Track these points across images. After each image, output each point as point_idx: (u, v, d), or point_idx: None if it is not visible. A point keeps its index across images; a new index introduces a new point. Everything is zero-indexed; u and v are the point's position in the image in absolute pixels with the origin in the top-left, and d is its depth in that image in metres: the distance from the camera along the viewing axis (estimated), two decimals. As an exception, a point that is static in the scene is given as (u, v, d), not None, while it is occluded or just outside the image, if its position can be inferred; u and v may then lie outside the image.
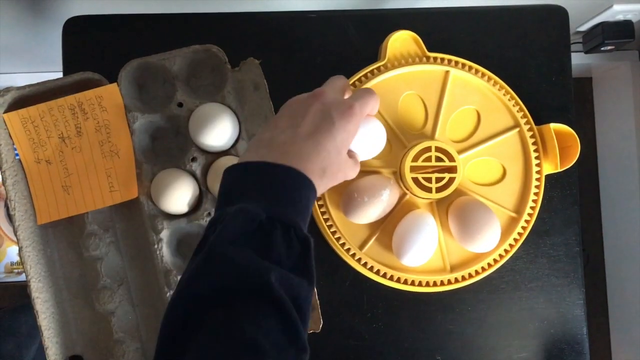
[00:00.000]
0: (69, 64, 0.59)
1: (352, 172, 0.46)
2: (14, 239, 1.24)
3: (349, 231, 0.57)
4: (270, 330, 0.34)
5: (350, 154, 0.47)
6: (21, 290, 1.28)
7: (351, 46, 0.60)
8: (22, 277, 1.27)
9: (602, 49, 1.08)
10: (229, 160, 0.54)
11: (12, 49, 1.03)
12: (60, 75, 0.56)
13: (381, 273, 0.56)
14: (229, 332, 0.33)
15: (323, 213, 0.56)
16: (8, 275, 1.26)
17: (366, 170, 0.56)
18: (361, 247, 0.56)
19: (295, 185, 0.39)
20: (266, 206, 0.37)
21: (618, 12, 0.99)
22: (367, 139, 0.49)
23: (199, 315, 0.34)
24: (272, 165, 0.39)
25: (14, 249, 1.26)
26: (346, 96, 0.48)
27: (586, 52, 1.12)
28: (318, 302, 0.53)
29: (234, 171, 0.41)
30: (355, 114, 0.43)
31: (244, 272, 0.35)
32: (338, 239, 0.56)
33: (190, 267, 0.37)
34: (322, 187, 0.42)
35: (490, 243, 0.53)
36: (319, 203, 0.56)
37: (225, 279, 0.35)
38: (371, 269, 0.56)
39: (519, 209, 0.57)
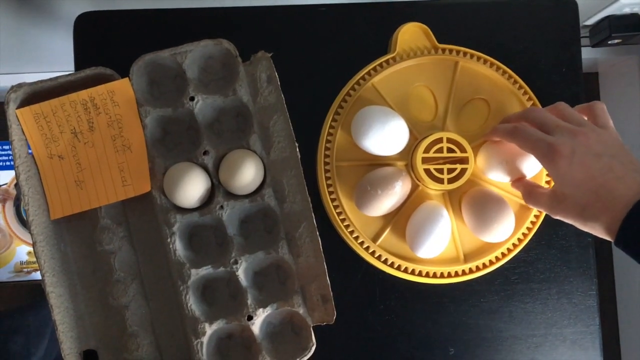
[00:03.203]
0: (80, 60, 0.59)
1: None
2: (24, 238, 1.25)
3: (361, 224, 0.57)
4: None
5: None
6: (30, 289, 1.29)
7: (361, 39, 0.60)
8: (32, 277, 1.27)
9: (609, 42, 1.08)
10: (241, 154, 0.54)
11: (20, 49, 1.03)
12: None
13: (395, 265, 0.56)
14: None
15: (336, 207, 0.56)
16: (18, 275, 1.27)
17: (378, 163, 0.56)
18: (374, 239, 0.56)
19: None
20: None
21: (625, 5, 0.99)
22: (391, 134, 0.51)
23: None
24: None
25: (23, 248, 1.27)
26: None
27: (593, 46, 1.12)
28: (331, 294, 0.53)
29: None
30: None
31: None
32: (352, 232, 0.56)
33: None
34: None
35: (505, 232, 0.53)
36: (332, 197, 0.56)
37: None
38: (385, 261, 0.56)
39: (531, 200, 0.57)
